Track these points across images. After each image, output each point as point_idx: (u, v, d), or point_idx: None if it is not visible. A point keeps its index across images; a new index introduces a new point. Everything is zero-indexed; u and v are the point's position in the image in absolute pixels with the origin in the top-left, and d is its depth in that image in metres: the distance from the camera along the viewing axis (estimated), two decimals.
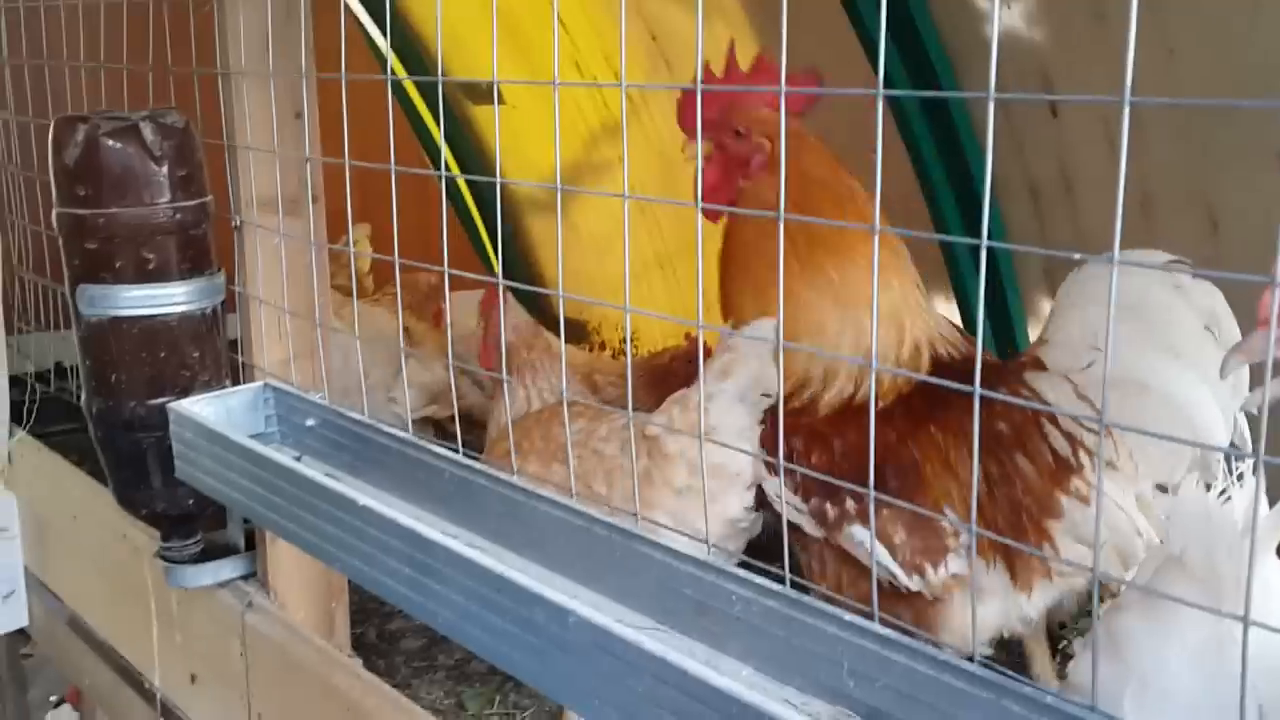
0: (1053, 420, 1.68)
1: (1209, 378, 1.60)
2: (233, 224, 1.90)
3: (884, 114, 0.96)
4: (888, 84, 2.79)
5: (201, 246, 1.88)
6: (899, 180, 2.77)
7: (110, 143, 1.80)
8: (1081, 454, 1.65)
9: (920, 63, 2.71)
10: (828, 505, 1.71)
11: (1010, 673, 0.92)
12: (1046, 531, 1.65)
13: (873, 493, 1.07)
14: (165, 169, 1.82)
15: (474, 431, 2.56)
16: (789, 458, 1.73)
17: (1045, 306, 2.75)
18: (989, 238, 0.92)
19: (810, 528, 1.74)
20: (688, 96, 1.81)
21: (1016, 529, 1.67)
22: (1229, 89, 2.21)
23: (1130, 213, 2.47)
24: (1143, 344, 1.62)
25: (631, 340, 3.42)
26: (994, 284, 2.88)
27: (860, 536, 1.68)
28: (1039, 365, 1.73)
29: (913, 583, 1.66)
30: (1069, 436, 1.66)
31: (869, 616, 1.02)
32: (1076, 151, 2.60)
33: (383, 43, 3.41)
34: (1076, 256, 0.85)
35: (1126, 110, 0.77)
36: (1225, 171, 2.31)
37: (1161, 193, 2.46)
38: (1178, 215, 2.44)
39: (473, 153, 4.34)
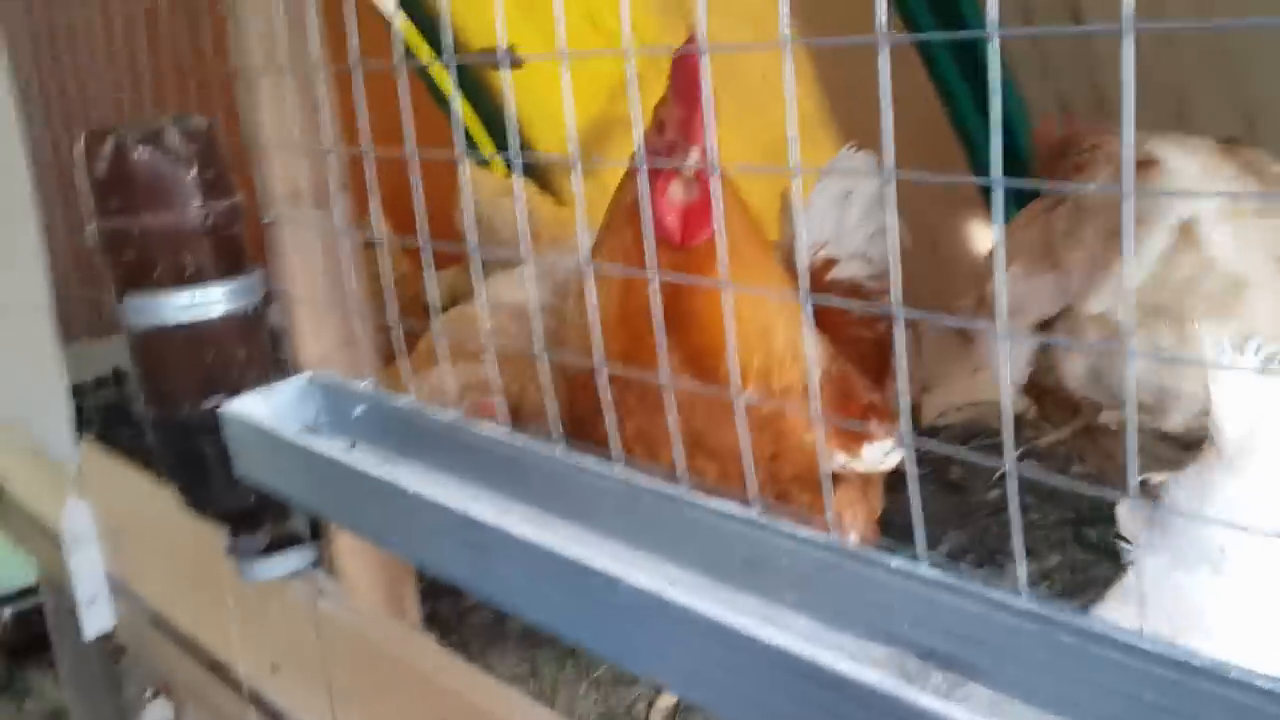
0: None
1: None
2: (263, 221, 1.92)
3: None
4: (906, 14, 2.75)
5: (236, 246, 1.90)
6: (924, 103, 2.72)
7: (137, 152, 1.82)
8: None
9: None
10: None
11: (1059, 605, 0.92)
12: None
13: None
14: (193, 173, 1.84)
15: None
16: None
17: None
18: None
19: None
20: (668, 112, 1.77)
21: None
22: None
23: (1166, 118, 2.43)
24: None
25: None
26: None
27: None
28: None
29: None
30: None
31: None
32: (1107, 67, 2.55)
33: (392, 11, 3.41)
34: (1091, 187, 0.84)
35: (1130, 41, 0.75)
36: (1260, 69, 2.25)
37: (1196, 95, 2.41)
38: (1214, 116, 2.39)
39: (496, 116, 4.33)
